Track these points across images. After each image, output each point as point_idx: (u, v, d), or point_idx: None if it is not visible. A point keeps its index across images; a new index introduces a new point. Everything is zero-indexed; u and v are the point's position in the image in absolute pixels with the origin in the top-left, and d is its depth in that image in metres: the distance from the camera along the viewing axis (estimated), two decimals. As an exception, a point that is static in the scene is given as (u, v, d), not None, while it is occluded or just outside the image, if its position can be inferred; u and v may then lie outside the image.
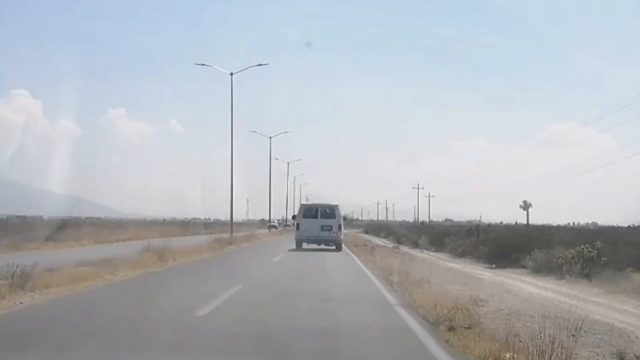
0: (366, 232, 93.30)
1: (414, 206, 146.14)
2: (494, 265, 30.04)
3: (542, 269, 24.81)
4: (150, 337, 7.15)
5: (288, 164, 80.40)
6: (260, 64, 38.61)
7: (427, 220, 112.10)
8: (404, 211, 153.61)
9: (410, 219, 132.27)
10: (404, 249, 43.72)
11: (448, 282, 16.48)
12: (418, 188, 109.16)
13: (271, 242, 41.75)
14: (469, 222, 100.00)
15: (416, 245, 50.21)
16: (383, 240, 64.85)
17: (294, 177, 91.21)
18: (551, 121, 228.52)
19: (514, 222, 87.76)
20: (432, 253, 41.97)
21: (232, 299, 10.76)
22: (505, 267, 29.10)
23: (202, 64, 37.67)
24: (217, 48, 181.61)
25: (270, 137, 60.62)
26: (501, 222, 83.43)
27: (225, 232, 47.41)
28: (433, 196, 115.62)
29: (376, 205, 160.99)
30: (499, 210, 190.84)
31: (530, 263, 25.84)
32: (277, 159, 73.66)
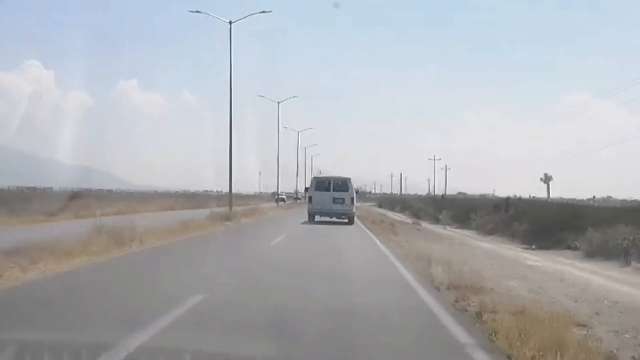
0: (380, 206, 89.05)
1: (428, 179, 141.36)
2: (533, 246, 25.86)
3: (597, 253, 20.57)
4: None
5: (298, 132, 75.68)
6: (263, 11, 35.39)
7: (443, 193, 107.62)
8: (416, 184, 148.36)
9: (423, 193, 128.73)
10: (424, 225, 39.52)
11: (502, 276, 12.29)
12: (434, 160, 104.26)
13: (276, 218, 37.54)
14: (482, 195, 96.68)
15: (436, 220, 46.05)
16: (399, 214, 60.64)
17: (305, 148, 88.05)
18: (565, 93, 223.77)
19: (530, 196, 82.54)
20: (456, 230, 37.83)
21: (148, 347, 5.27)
22: (547, 248, 24.91)
23: (197, 11, 34.24)
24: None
25: (278, 103, 56.30)
26: (517, 196, 78.47)
27: (237, 205, 45.51)
28: (449, 169, 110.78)
29: (389, 178, 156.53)
30: (513, 183, 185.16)
31: (583, 245, 21.56)
32: (286, 128, 71.09)
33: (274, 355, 5.15)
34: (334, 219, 31.15)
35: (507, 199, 43.22)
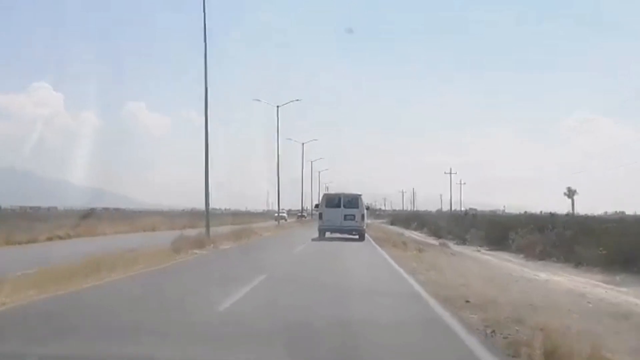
0: (392, 223, 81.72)
1: (440, 195, 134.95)
2: (617, 278, 18.81)
3: None
4: None
5: (302, 144, 70.46)
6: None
7: (466, 209, 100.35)
8: (426, 200, 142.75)
9: (433, 208, 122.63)
10: (454, 247, 32.46)
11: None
12: (450, 174, 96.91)
13: (269, 241, 29.94)
14: (492, 211, 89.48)
15: (463, 240, 38.99)
16: (417, 233, 53.51)
17: (312, 163, 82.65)
18: (573, 111, 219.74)
19: (545, 211, 74.69)
20: (493, 253, 30.83)
21: None
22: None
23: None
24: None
25: (278, 107, 49.59)
26: (541, 212, 71.27)
27: (232, 223, 41.49)
28: (464, 183, 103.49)
29: (399, 193, 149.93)
30: (524, 199, 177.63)
31: None
32: (290, 139, 65.88)
33: None
34: (345, 235, 31.17)
35: (552, 214, 36.07)
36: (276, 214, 60.98)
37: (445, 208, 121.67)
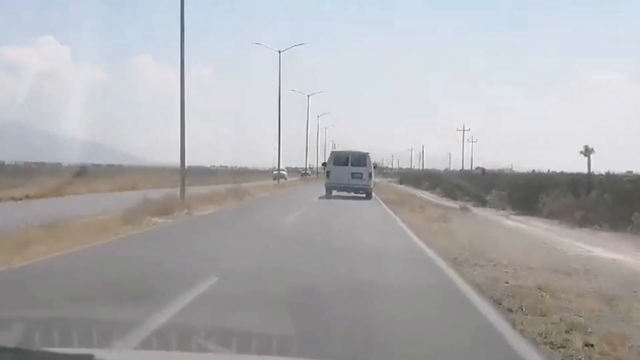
0: (401, 182, 77.38)
1: (449, 153, 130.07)
2: None
3: None
4: None
5: (308, 96, 65.83)
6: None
7: (482, 168, 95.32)
8: (434, 159, 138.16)
9: (441, 167, 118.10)
10: (475, 211, 28.17)
11: None
12: (463, 130, 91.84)
13: (260, 206, 24.71)
14: (500, 171, 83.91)
15: (483, 202, 34.63)
16: (429, 193, 49.17)
17: (318, 117, 79.04)
18: (581, 69, 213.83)
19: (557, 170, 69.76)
20: (519, 217, 26.53)
21: None
22: None
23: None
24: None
25: (280, 51, 44.91)
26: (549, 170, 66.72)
27: (225, 182, 38.65)
28: (475, 141, 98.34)
29: (406, 151, 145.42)
30: (534, 158, 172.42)
31: None
32: (294, 90, 62.24)
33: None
34: (352, 194, 30.97)
35: (589, 175, 31.56)
36: (275, 172, 56.85)
37: (454, 167, 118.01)
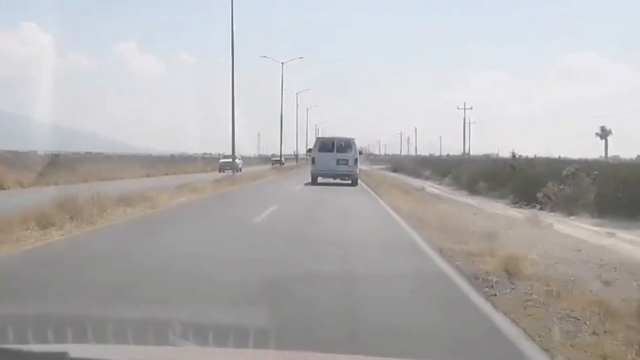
0: (395, 170, 65.86)
1: (440, 137, 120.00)
2: None
3: None
4: None
5: (282, 63, 62.31)
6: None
7: (465, 153, 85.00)
8: (423, 144, 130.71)
9: (432, 153, 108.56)
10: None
11: None
12: (465, 109, 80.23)
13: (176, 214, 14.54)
14: (486, 156, 76.38)
15: (530, 202, 23.49)
16: (437, 185, 37.88)
17: (297, 94, 77.06)
18: (569, 51, 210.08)
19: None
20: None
21: None
22: None
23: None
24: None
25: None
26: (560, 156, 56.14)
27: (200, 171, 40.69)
28: (474, 122, 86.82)
29: (396, 137, 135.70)
30: (521, 142, 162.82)
31: None
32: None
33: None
34: (337, 181, 30.45)
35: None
36: (222, 160, 45.84)
37: (445, 152, 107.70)
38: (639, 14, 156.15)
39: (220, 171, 42.86)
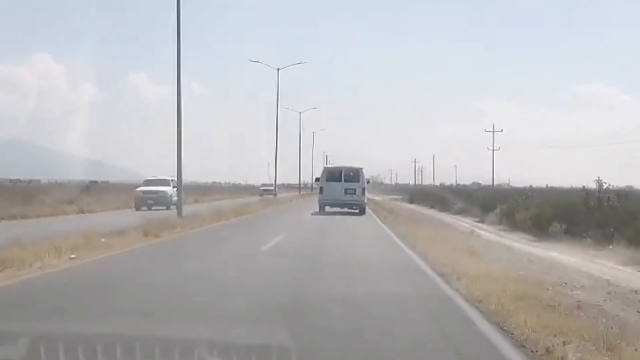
0: (412, 202, 56.07)
1: (455, 166, 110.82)
2: None
3: None
4: None
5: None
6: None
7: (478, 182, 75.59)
8: (429, 173, 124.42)
9: (444, 182, 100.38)
10: None
11: None
12: (493, 131, 70.12)
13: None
14: (498, 185, 69.36)
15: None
16: (474, 221, 28.25)
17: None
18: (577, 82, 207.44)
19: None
20: None
21: None
22: None
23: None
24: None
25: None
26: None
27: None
28: (498, 149, 76.79)
29: (408, 165, 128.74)
30: (534, 171, 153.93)
31: None
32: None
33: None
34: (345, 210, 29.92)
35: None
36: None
37: (461, 181, 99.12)
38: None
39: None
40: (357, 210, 29.80)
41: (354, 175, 30.53)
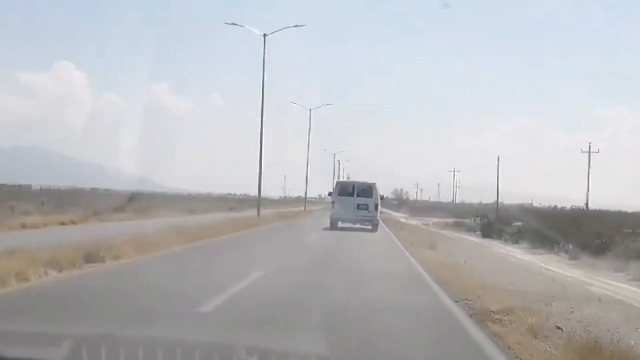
0: (486, 235, 47.30)
1: (497, 182, 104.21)
2: None
3: None
4: None
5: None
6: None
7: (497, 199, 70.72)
8: (432, 191, 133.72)
9: (474, 200, 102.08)
10: None
11: None
12: (589, 151, 65.44)
13: None
14: (520, 205, 72.31)
15: None
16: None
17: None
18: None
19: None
20: None
21: None
22: None
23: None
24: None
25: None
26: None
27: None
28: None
29: (430, 179, 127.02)
30: (555, 190, 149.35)
31: None
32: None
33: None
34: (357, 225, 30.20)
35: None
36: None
37: (486, 198, 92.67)
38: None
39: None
40: (370, 227, 29.88)
41: (366, 190, 30.71)
